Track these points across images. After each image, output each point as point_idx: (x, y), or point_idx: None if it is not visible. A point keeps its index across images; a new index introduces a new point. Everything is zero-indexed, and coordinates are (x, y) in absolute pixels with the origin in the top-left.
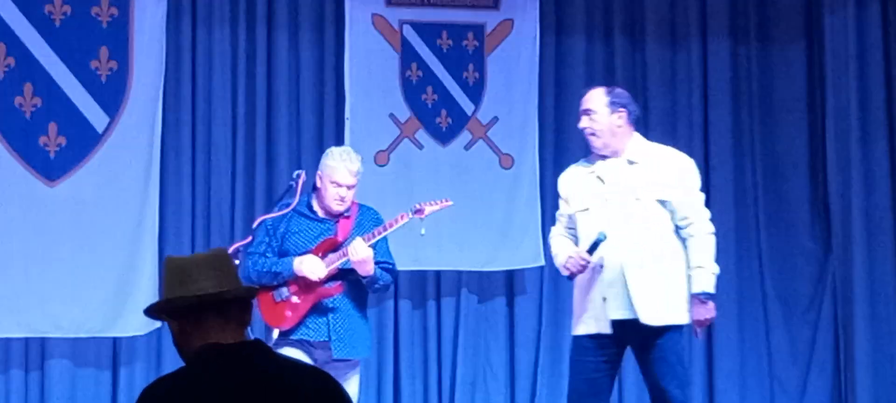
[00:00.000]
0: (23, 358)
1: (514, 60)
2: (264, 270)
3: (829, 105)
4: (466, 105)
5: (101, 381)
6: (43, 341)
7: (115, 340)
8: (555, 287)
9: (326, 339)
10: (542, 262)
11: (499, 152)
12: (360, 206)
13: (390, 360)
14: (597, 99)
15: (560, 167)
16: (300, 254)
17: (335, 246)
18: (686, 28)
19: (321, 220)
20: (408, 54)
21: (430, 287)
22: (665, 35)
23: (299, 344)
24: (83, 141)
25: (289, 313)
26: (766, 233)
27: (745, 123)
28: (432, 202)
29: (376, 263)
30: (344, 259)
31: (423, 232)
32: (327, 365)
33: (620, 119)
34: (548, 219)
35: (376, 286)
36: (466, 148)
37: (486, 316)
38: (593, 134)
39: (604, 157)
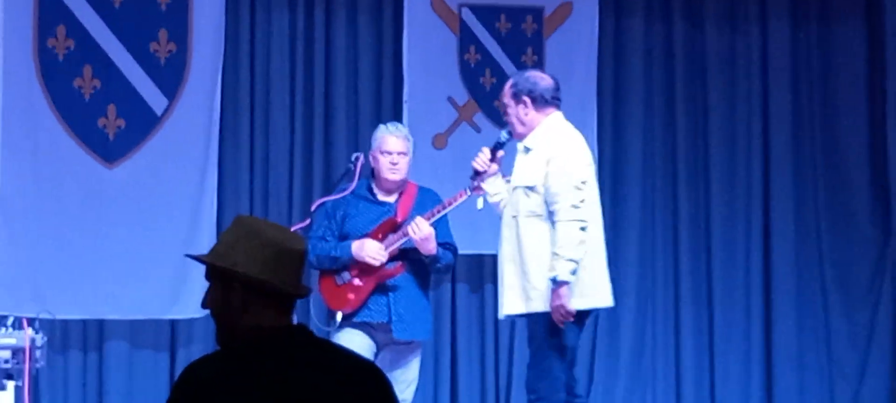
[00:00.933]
0: (81, 340)
1: (573, 43)
2: (324, 254)
3: (889, 88)
4: None
5: (159, 362)
6: (101, 322)
7: (172, 322)
8: (613, 268)
9: (387, 320)
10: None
11: None
12: (419, 188)
13: (448, 343)
14: (505, 91)
15: (618, 150)
16: (360, 237)
17: (395, 227)
18: (745, 10)
19: (380, 203)
20: (466, 37)
21: (488, 270)
22: (724, 17)
23: (361, 327)
24: (142, 123)
25: (351, 295)
26: (825, 217)
27: (804, 106)
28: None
29: (437, 243)
30: (405, 239)
31: (480, 205)
32: (388, 348)
33: (525, 106)
34: (606, 202)
35: (438, 265)
36: None
37: None
38: (510, 124)
39: None
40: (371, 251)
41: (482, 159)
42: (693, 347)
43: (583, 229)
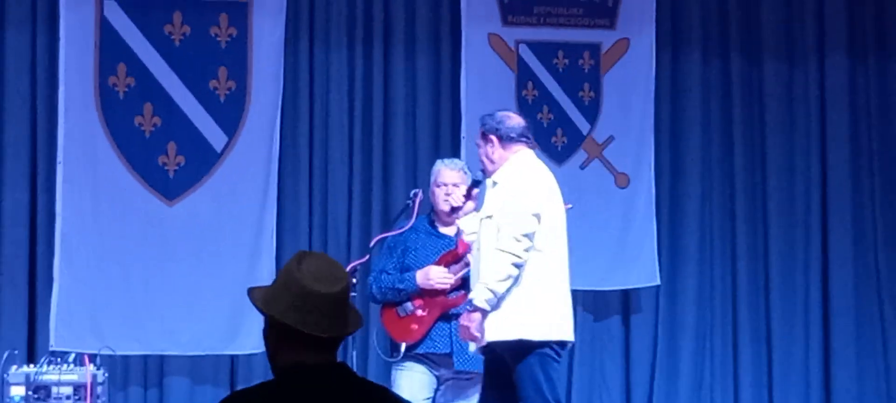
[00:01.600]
0: (142, 375)
1: (630, 79)
2: (387, 287)
3: None
4: (582, 124)
5: (219, 398)
6: (161, 358)
7: (232, 357)
8: (671, 306)
9: (449, 351)
10: (657, 281)
11: (614, 171)
12: None
13: None
14: (478, 132)
15: (676, 186)
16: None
17: (457, 259)
18: (803, 44)
19: (441, 236)
20: (524, 73)
21: None
22: (782, 51)
23: (423, 360)
24: (202, 160)
25: (415, 326)
26: (883, 251)
27: (863, 138)
28: None
29: None
30: (466, 268)
31: None
32: (449, 382)
33: (492, 145)
34: (664, 239)
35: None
36: (582, 167)
37: (602, 334)
38: (480, 162)
39: None
40: (437, 276)
41: (457, 195)
42: (751, 384)
43: (516, 265)
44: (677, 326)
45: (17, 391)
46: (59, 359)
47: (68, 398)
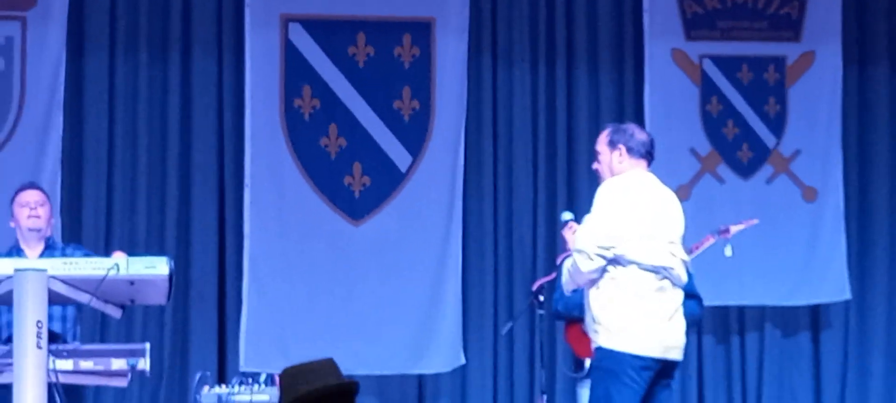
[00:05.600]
0: None
1: (816, 92)
2: (573, 303)
3: None
4: (768, 138)
5: None
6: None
7: (419, 377)
8: (861, 321)
9: None
10: (847, 296)
11: (802, 185)
12: None
13: (694, 396)
14: (601, 139)
15: (865, 199)
16: None
17: None
18: None
19: None
20: (708, 88)
21: (734, 321)
22: None
23: None
24: (387, 180)
25: None
26: None
27: None
28: (738, 221)
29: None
30: None
31: (728, 253)
32: None
33: (620, 155)
34: (853, 253)
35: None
36: (768, 181)
37: (791, 351)
38: (599, 173)
39: None
40: None
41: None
42: None
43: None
44: (868, 342)
45: None
46: (250, 379)
47: None
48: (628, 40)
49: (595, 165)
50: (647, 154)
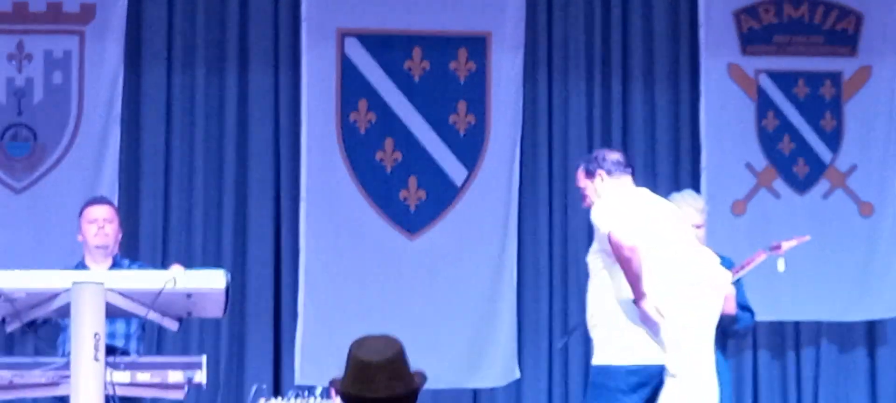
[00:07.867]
0: None
1: (872, 107)
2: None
3: None
4: (824, 153)
5: None
6: None
7: (474, 391)
8: None
9: None
10: None
11: (858, 200)
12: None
13: None
14: (578, 177)
15: None
16: None
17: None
18: None
19: None
20: (764, 103)
21: (789, 337)
22: None
23: None
24: (442, 194)
25: None
26: None
27: None
28: (790, 238)
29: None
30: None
31: (781, 268)
32: None
33: (602, 180)
34: None
35: (736, 327)
36: (824, 197)
37: (847, 367)
38: (590, 206)
39: None
40: None
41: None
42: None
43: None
44: None
45: None
46: (306, 393)
47: None
48: (684, 55)
49: (585, 204)
50: (627, 166)
